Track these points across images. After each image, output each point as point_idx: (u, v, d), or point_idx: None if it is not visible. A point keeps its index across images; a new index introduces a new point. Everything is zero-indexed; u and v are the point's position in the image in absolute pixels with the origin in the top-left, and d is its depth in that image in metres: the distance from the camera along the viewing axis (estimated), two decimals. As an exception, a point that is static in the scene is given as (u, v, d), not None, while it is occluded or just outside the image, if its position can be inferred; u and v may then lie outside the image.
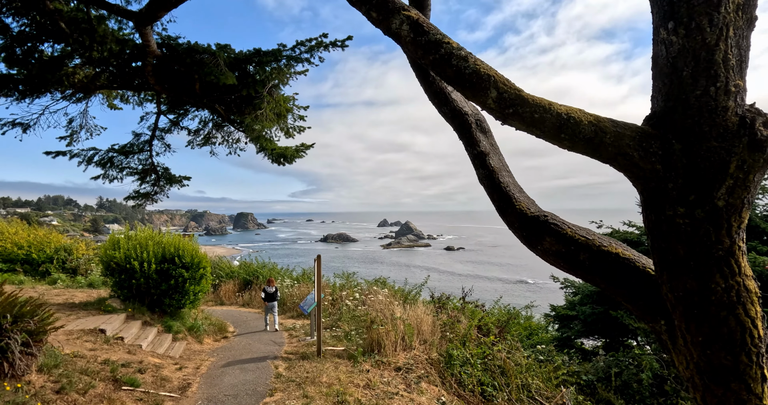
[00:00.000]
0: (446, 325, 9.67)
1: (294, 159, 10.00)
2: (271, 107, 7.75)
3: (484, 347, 9.55)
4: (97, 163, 10.38)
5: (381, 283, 14.77)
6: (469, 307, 12.61)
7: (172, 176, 11.10)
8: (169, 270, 9.81)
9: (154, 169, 10.61)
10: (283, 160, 9.96)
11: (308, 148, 10.22)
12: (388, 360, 8.37)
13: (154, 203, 11.09)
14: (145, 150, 10.37)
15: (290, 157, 9.88)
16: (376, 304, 10.20)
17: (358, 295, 11.20)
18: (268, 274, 19.33)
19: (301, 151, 10.01)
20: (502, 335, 11.22)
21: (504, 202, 3.14)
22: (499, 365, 9.22)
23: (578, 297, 14.03)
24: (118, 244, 9.91)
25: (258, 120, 7.90)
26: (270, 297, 11.96)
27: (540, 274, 72.17)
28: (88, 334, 7.98)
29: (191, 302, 10.20)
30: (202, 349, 9.72)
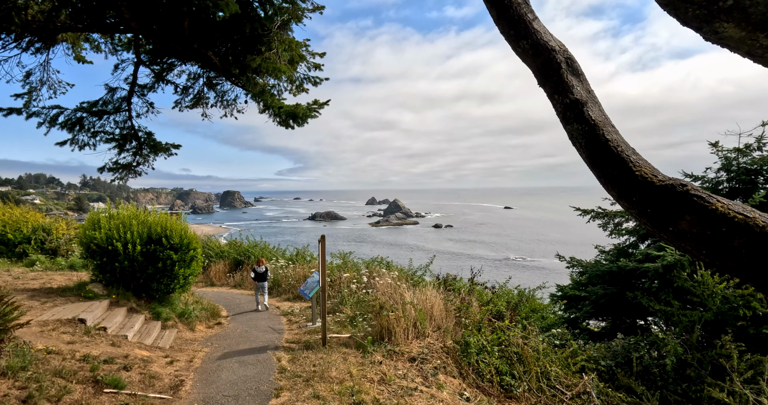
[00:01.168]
0: (460, 310, 8.95)
1: (306, 119, 8.54)
2: (283, 47, 6.55)
3: (499, 333, 8.90)
4: (63, 125, 8.74)
5: (384, 264, 14.00)
6: (477, 289, 11.94)
7: (157, 143, 9.53)
8: (156, 252, 8.90)
9: (135, 135, 9.14)
10: (293, 121, 8.48)
11: (322, 106, 8.67)
12: (400, 349, 7.65)
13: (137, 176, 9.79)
14: (123, 109, 8.85)
15: (301, 117, 8.39)
16: (382, 288, 9.44)
17: (366, 278, 10.41)
18: (259, 254, 18.55)
19: (314, 109, 8.51)
20: (513, 318, 10.62)
21: (614, 167, 2.30)
22: (515, 352, 8.60)
23: (585, 276, 13.46)
24: (99, 224, 8.94)
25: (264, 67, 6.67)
26: (260, 277, 11.98)
27: (529, 252, 72.42)
28: (66, 324, 7.10)
29: (181, 286, 9.34)
30: (195, 337, 8.92)
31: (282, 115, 8.50)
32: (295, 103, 8.58)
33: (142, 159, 10.01)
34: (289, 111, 8.42)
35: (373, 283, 10.16)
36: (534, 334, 9.60)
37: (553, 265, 61.03)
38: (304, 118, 8.60)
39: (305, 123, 8.73)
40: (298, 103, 8.59)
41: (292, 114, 8.44)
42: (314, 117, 8.68)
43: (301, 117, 8.53)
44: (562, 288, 13.89)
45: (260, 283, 11.99)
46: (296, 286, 14.15)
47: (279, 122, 8.66)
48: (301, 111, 8.49)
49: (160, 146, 9.64)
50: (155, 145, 9.63)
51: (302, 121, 8.57)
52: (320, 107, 8.74)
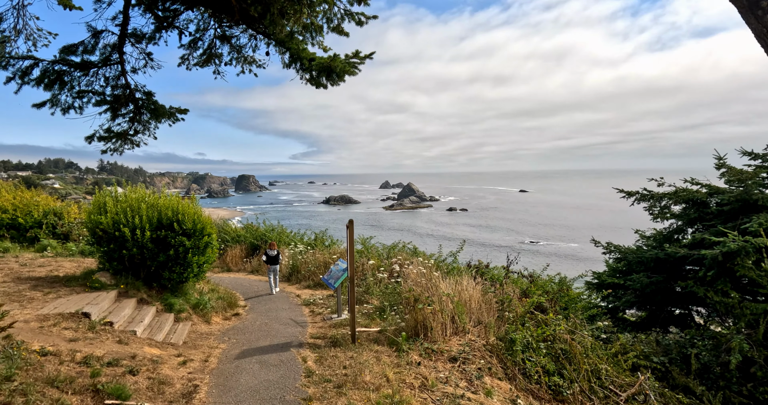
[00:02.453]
0: (503, 303, 8.08)
1: (344, 76, 6.88)
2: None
3: (545, 327, 8.02)
4: (39, 82, 7.20)
5: (409, 250, 13.13)
6: (512, 277, 11.05)
7: (159, 106, 8.01)
8: (167, 238, 8.13)
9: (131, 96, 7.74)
10: (326, 78, 6.91)
11: (364, 60, 6.90)
12: (439, 347, 6.81)
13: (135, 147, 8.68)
14: (112, 61, 7.38)
15: (339, 72, 6.71)
16: (414, 277, 8.57)
17: (398, 266, 9.53)
18: (276, 238, 17.87)
19: (354, 64, 6.83)
20: (554, 310, 9.74)
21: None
22: (562, 348, 7.73)
23: (623, 263, 12.47)
24: (105, 208, 8.18)
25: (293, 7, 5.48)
26: (272, 260, 12.04)
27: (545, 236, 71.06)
28: (69, 319, 6.38)
29: (195, 275, 8.59)
30: (210, 330, 8.19)
31: (313, 70, 6.91)
32: (330, 55, 6.91)
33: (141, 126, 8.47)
34: (323, 64, 6.81)
35: (406, 272, 9.29)
36: (581, 327, 8.72)
37: (570, 250, 59.79)
38: (342, 74, 6.93)
39: (341, 80, 7.03)
40: (335, 55, 6.89)
41: (327, 68, 6.82)
42: (354, 73, 7.02)
43: (338, 72, 6.82)
44: (599, 275, 12.89)
45: (272, 266, 12.05)
46: (316, 272, 13.41)
47: (309, 79, 7.11)
48: (339, 64, 6.83)
49: (163, 110, 8.13)
50: (156, 109, 8.04)
51: (338, 78, 6.91)
52: (362, 61, 7.02)
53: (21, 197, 15.57)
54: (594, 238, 13.63)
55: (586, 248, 60.14)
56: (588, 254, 55.31)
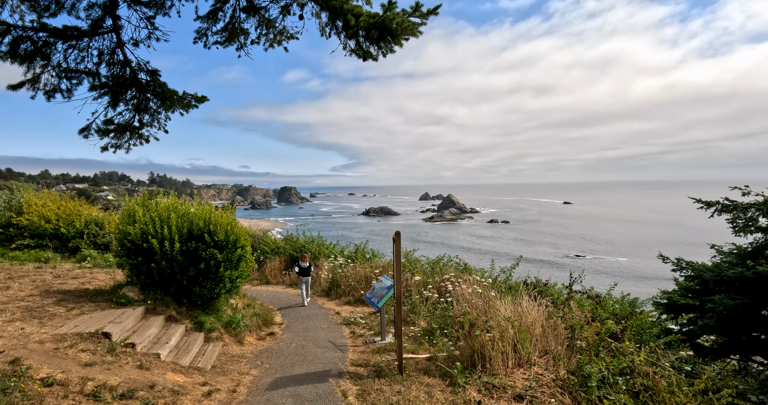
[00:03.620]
0: (573, 329, 6.97)
1: (401, 36, 5.38)
2: None
3: (621, 358, 6.86)
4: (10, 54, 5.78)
5: (455, 265, 12.11)
6: (575, 297, 9.85)
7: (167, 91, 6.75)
8: (197, 250, 7.51)
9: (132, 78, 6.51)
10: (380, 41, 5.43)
11: (427, 17, 5.33)
12: (500, 382, 5.81)
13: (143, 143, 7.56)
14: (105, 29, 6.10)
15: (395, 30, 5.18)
16: (469, 297, 7.60)
17: (450, 285, 8.56)
18: (315, 251, 17.22)
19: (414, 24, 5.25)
20: (626, 336, 8.51)
21: None
22: (643, 384, 6.56)
23: (695, 282, 11.00)
24: (134, 217, 7.66)
25: None
26: (304, 272, 12.16)
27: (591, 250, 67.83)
28: (87, 339, 5.79)
29: (227, 291, 7.92)
30: (243, 352, 7.47)
31: (361, 30, 5.43)
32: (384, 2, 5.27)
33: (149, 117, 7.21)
34: (374, 21, 5.22)
35: (460, 291, 8.30)
36: (663, 357, 7.48)
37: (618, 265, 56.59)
38: (399, 33, 5.32)
39: (398, 44, 5.51)
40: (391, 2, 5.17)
41: (379, 25, 5.20)
42: (415, 34, 5.45)
43: (395, 31, 5.26)
44: (669, 295, 11.44)
45: (305, 277, 12.17)
46: (357, 287, 12.60)
47: (355, 48, 5.75)
48: (396, 18, 5.16)
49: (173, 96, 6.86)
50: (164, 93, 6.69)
51: (394, 40, 5.42)
52: (424, 18, 5.33)
53: (64, 207, 15.59)
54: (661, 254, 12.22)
55: (636, 263, 56.86)
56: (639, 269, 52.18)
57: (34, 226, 14.63)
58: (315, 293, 13.75)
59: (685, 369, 7.91)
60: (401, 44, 5.43)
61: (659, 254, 12.58)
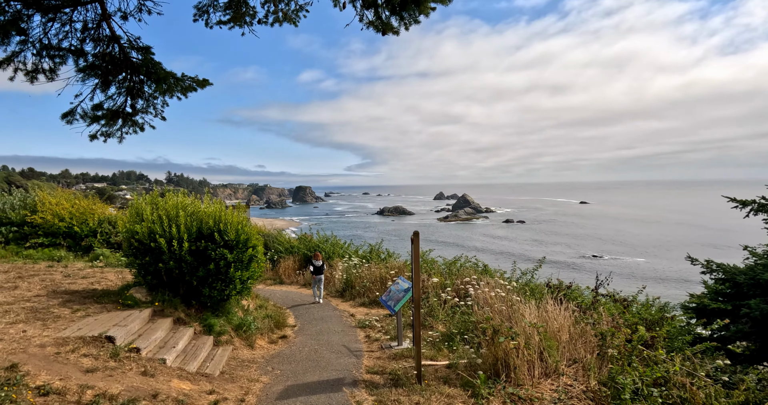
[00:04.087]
0: (604, 336, 6.52)
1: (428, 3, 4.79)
2: None
3: (654, 367, 6.39)
4: None
5: (475, 265, 11.67)
6: (602, 300, 9.36)
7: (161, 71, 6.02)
8: (207, 250, 7.22)
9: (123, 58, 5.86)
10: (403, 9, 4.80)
11: None
12: (527, 394, 5.39)
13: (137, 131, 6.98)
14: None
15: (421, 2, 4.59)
16: (492, 301, 7.17)
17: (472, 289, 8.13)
18: (330, 250, 16.92)
19: None
20: (657, 343, 8.01)
21: None
22: (680, 396, 6.09)
23: (727, 285, 10.44)
24: (142, 216, 7.40)
25: None
26: (317, 270, 12.31)
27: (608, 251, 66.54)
28: (90, 343, 5.52)
29: (238, 292, 7.61)
30: (253, 356, 7.16)
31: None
32: None
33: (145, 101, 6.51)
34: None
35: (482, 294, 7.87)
36: (700, 367, 6.98)
37: (636, 266, 55.32)
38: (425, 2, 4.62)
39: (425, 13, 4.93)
40: None
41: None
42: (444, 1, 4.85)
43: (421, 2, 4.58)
44: (699, 298, 10.86)
45: (317, 276, 12.34)
46: (372, 288, 12.24)
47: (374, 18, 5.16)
48: None
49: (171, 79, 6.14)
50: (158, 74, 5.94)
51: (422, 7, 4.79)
52: None
53: (78, 206, 15.49)
54: (689, 256, 11.63)
55: (655, 264, 55.52)
56: (659, 271, 50.97)
57: (48, 224, 14.55)
58: (329, 294, 13.45)
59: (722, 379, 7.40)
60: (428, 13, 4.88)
61: (687, 256, 11.99)
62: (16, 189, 17.31)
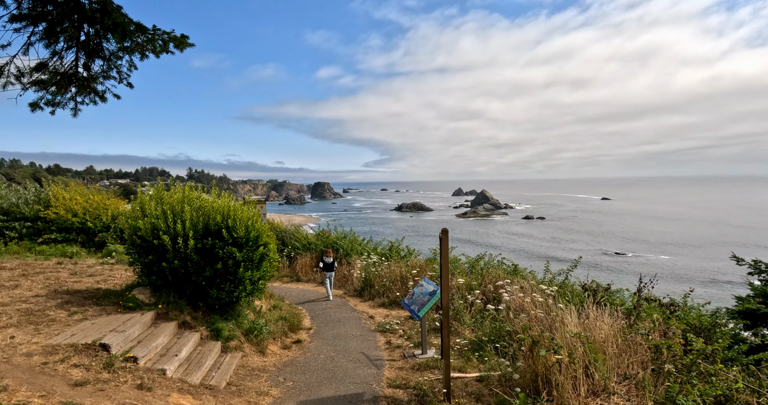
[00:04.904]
0: (658, 349, 5.74)
1: None
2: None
3: (715, 384, 5.59)
4: None
5: (502, 265, 10.89)
6: (645, 305, 8.53)
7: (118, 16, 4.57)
8: (214, 248, 6.64)
9: None
10: None
11: None
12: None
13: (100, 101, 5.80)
14: None
15: None
16: (527, 307, 6.44)
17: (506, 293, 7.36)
18: (348, 247, 16.33)
19: None
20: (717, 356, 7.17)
21: None
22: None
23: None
24: (144, 211, 6.85)
25: None
26: (328, 267, 12.20)
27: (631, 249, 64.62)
28: (82, 352, 4.97)
29: (248, 294, 7.02)
30: (264, 364, 6.56)
31: None
32: None
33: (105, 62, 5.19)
34: None
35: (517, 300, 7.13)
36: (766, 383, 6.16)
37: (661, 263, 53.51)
38: None
39: None
40: None
41: None
42: None
43: None
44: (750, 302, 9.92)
45: (328, 273, 12.20)
46: (392, 288, 11.58)
47: None
48: None
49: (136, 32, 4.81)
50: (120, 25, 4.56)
51: None
52: None
53: (92, 201, 15.17)
54: (734, 255, 10.69)
55: (680, 261, 53.65)
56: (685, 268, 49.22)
57: (62, 219, 14.26)
58: (347, 293, 12.85)
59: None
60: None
61: (732, 255, 11.08)
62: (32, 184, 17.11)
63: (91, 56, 5.00)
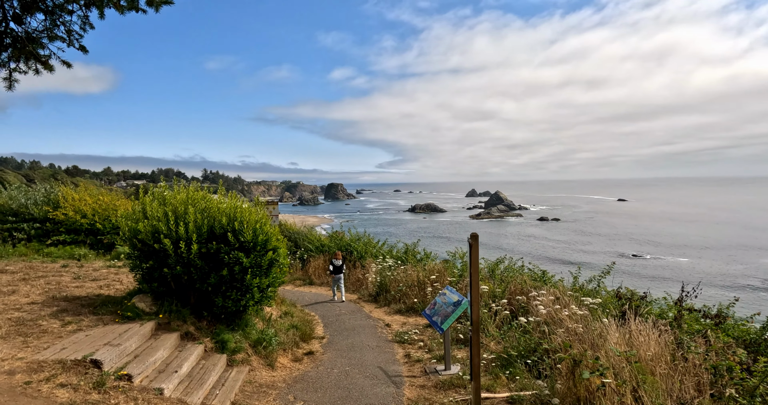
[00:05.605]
0: (716, 370, 5.08)
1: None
2: None
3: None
4: None
5: (533, 274, 10.22)
6: (686, 316, 7.82)
7: None
8: (219, 252, 6.13)
9: None
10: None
11: None
12: (625, 451, 4.06)
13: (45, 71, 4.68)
14: None
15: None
16: (564, 319, 5.81)
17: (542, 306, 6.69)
18: (362, 249, 15.80)
19: None
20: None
21: None
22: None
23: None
24: (145, 212, 6.37)
25: None
26: (337, 270, 12.06)
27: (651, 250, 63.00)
28: (71, 369, 4.48)
29: (256, 302, 6.50)
30: (273, 380, 6.03)
31: None
32: None
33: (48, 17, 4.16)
34: None
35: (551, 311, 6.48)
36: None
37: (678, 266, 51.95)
38: None
39: None
40: None
41: None
42: None
43: None
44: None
45: (337, 275, 12.08)
46: (409, 293, 11.01)
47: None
48: None
49: None
50: None
51: None
52: None
53: (101, 202, 14.85)
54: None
55: (698, 264, 52.03)
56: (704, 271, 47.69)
57: (70, 221, 13.94)
58: (361, 298, 12.31)
59: None
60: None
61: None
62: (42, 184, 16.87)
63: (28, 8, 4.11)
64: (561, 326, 5.86)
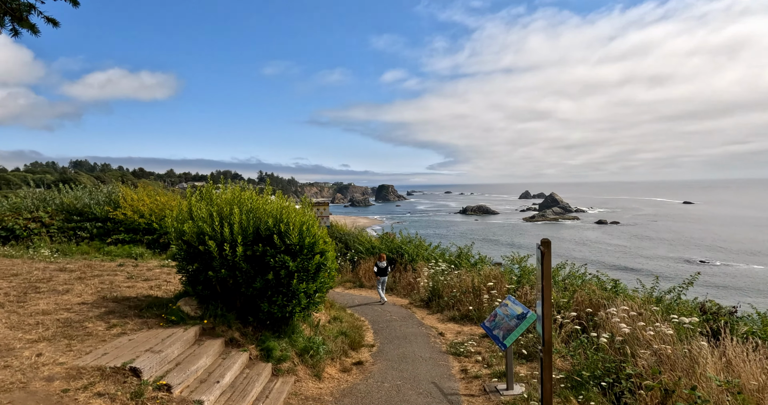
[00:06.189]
0: None
1: None
2: None
3: None
4: None
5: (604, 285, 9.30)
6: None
7: None
8: (265, 255, 5.82)
9: None
10: None
11: None
12: None
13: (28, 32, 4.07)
14: None
15: None
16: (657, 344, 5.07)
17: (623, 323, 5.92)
18: (413, 252, 15.29)
19: None
20: None
21: None
22: None
23: None
24: (191, 213, 6.17)
25: None
26: (381, 271, 12.05)
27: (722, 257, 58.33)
28: (109, 378, 4.27)
29: (303, 308, 6.14)
30: (320, 392, 5.65)
31: None
32: None
33: None
34: None
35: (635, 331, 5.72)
36: None
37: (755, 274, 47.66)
38: None
39: None
40: None
41: None
42: None
43: None
44: None
45: (381, 277, 12.06)
46: (463, 300, 10.40)
47: None
48: None
49: None
50: None
51: None
52: None
53: (157, 202, 15.17)
54: None
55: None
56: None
57: (129, 220, 14.32)
58: (413, 303, 11.82)
59: None
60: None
61: None
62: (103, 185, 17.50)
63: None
64: (643, 346, 5.12)
